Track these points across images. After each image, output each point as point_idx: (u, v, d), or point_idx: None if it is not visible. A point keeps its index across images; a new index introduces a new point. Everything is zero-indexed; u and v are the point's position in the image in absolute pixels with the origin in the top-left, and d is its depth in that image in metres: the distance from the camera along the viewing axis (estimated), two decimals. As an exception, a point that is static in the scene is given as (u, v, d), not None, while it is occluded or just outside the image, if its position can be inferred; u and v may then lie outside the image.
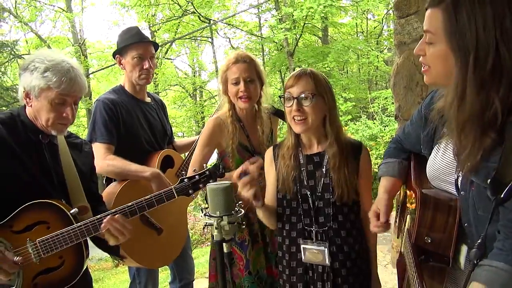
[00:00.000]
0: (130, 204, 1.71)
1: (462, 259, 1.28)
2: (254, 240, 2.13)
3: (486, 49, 1.02)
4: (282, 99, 1.71)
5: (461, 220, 1.24)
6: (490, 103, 1.03)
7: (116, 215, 1.66)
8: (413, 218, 1.35)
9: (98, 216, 1.65)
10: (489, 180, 1.00)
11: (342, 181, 1.65)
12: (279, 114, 2.27)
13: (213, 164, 1.77)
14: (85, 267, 1.70)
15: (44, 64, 1.60)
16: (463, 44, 1.05)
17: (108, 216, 1.65)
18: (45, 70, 1.59)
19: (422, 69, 1.21)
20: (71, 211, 1.63)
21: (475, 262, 0.99)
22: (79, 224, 1.61)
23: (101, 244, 1.78)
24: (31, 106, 1.65)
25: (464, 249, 1.27)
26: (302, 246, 1.68)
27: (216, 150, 2.16)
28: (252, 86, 2.08)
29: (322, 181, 1.69)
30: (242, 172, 1.53)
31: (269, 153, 1.85)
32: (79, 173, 1.76)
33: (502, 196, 0.97)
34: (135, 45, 2.43)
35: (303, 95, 1.62)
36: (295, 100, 1.63)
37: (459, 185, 1.21)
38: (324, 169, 1.69)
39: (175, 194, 1.76)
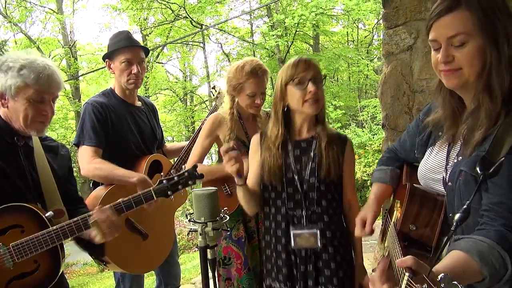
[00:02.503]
0: (107, 206, 1.69)
1: (445, 252, 1.30)
2: (251, 237, 2.20)
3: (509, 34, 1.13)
4: (292, 84, 1.74)
5: (446, 213, 1.27)
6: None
7: (104, 207, 1.65)
8: (399, 212, 1.38)
9: (75, 219, 1.62)
10: (477, 164, 1.07)
11: (330, 159, 1.75)
12: None
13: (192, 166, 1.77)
14: (61, 271, 1.66)
15: (19, 63, 1.56)
16: (494, 31, 1.14)
17: (97, 207, 1.64)
18: (21, 68, 1.56)
19: (446, 75, 1.21)
20: (46, 214, 1.59)
21: (458, 224, 1.00)
22: (54, 227, 1.58)
23: (86, 246, 1.76)
24: (7, 107, 1.60)
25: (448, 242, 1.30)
26: (292, 232, 1.73)
27: (216, 149, 2.22)
28: (264, 96, 2.22)
29: (309, 165, 1.77)
30: (230, 147, 1.59)
31: (255, 139, 1.92)
32: (55, 177, 1.73)
33: (490, 171, 1.03)
34: (124, 49, 2.42)
35: (316, 79, 1.74)
36: (311, 83, 1.72)
37: (447, 178, 1.25)
38: (312, 154, 1.78)
39: (154, 196, 1.75)
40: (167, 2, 16.87)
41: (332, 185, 1.79)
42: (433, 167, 1.34)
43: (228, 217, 1.31)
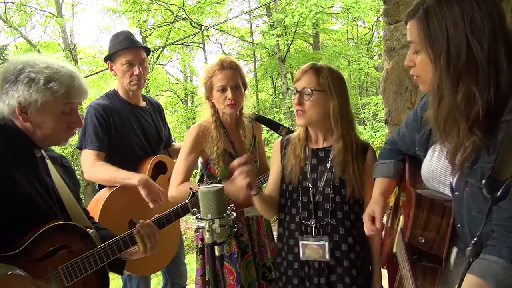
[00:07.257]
0: (150, 220, 1.72)
1: (452, 260, 1.29)
2: (244, 252, 2.10)
3: (458, 45, 1.07)
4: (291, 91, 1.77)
5: (455, 222, 1.25)
6: (471, 97, 1.07)
7: (147, 221, 1.65)
8: (406, 218, 1.36)
9: (122, 235, 1.58)
10: (484, 180, 1.02)
11: (353, 179, 1.68)
12: (260, 120, 2.28)
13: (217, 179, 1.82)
14: None
15: (43, 74, 1.42)
16: (436, 48, 1.11)
17: (141, 221, 1.63)
18: (47, 81, 1.42)
19: (414, 80, 1.25)
20: (90, 232, 1.53)
21: (470, 260, 0.99)
22: (103, 245, 1.52)
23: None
24: (29, 121, 1.46)
25: (454, 251, 1.28)
26: (301, 242, 1.70)
27: (200, 160, 2.12)
28: (238, 92, 2.08)
29: (325, 176, 1.72)
30: (242, 162, 1.60)
31: (277, 144, 1.89)
32: (70, 190, 1.65)
33: (498, 194, 0.98)
34: (125, 51, 2.42)
35: (304, 90, 1.68)
36: (298, 94, 1.69)
37: (453, 186, 1.23)
38: (328, 165, 1.73)
39: (189, 208, 1.81)
40: (166, 3, 16.87)
41: (351, 198, 1.71)
42: (438, 170, 1.30)
43: (234, 214, 1.31)
